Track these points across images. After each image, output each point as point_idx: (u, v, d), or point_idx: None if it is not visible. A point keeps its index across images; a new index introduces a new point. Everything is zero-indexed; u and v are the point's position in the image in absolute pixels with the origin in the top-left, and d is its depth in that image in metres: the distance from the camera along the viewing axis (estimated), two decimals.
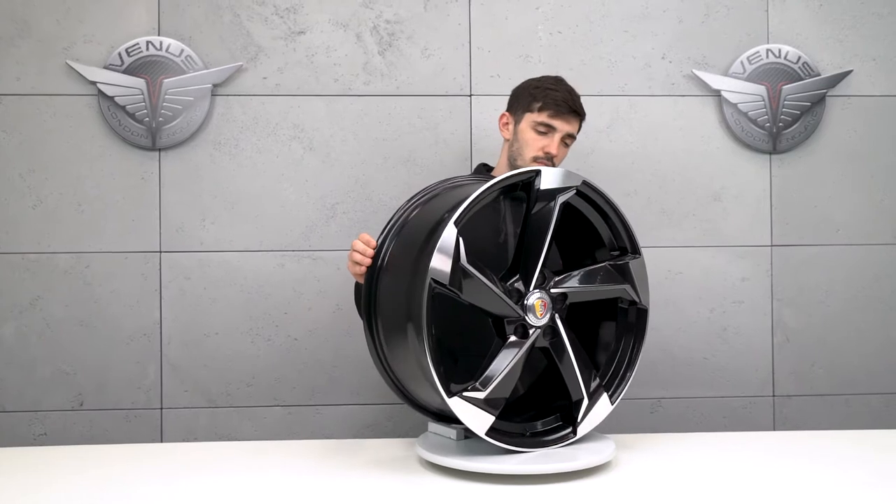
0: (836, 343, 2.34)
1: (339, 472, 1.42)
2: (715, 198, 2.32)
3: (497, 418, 1.43)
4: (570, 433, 1.43)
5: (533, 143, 1.74)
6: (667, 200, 2.31)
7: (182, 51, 2.21)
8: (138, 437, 2.22)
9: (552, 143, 1.73)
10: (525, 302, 1.37)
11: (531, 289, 1.38)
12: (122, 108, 2.19)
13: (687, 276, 2.32)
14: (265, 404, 2.25)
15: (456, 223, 1.31)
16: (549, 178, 1.40)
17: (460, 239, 1.31)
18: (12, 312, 2.20)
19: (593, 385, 1.46)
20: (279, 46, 2.25)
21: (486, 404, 1.33)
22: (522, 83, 1.84)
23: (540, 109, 1.74)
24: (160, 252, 2.23)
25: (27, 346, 2.21)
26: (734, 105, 2.29)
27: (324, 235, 2.26)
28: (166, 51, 2.21)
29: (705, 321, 2.32)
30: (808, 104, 2.30)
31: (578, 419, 1.43)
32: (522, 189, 1.42)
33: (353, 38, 2.27)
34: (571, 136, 1.78)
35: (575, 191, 1.43)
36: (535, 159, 1.74)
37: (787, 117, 2.30)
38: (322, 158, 2.26)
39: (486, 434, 1.34)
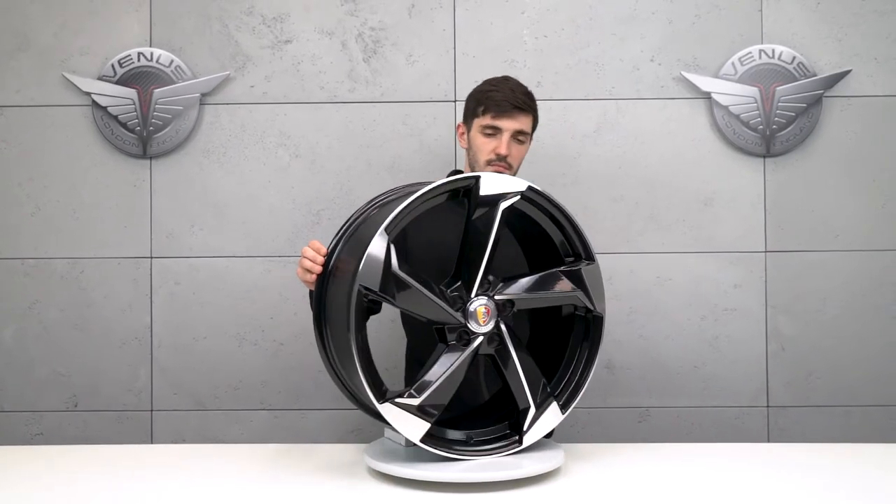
0: (835, 352, 2.26)
1: (278, 476, 1.42)
2: (706, 202, 2.27)
3: (461, 424, 1.43)
4: (515, 442, 1.41)
5: (484, 147, 1.73)
6: (655, 206, 2.27)
7: (172, 61, 2.26)
8: (130, 438, 2.27)
9: (501, 144, 1.71)
10: (467, 308, 1.36)
11: (473, 295, 1.37)
12: (115, 117, 2.26)
13: (676, 282, 2.27)
14: (252, 408, 2.29)
15: (387, 230, 1.31)
16: (491, 185, 1.38)
17: (391, 246, 1.31)
18: (11, 316, 2.28)
19: (542, 393, 1.43)
20: (266, 55, 2.29)
21: (420, 411, 1.33)
22: (471, 91, 1.82)
23: (483, 112, 1.73)
24: (151, 258, 2.28)
25: (25, 349, 2.29)
26: (725, 107, 2.24)
27: (309, 241, 2.27)
28: (157, 61, 2.26)
29: (696, 329, 2.27)
30: (804, 105, 2.23)
31: (524, 428, 1.40)
32: (464, 196, 1.40)
33: (338, 46, 2.29)
34: (523, 133, 1.74)
35: (519, 196, 1.40)
36: (489, 163, 1.72)
37: (782, 119, 2.23)
38: (308, 165, 2.29)
39: (423, 441, 1.34)
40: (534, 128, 1.80)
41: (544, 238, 1.49)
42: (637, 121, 2.27)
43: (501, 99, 1.70)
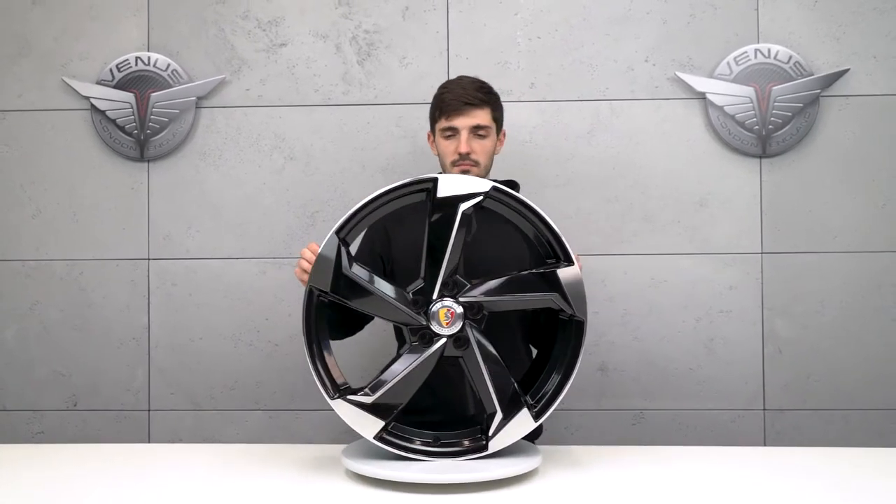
0: (834, 355, 2.23)
1: (242, 475, 1.44)
2: (701, 203, 2.25)
3: (447, 426, 1.43)
4: (481, 447, 1.39)
5: (446, 150, 1.73)
6: (650, 207, 2.25)
7: (168, 65, 2.29)
8: (128, 438, 2.30)
9: (460, 143, 1.70)
10: (429, 310, 1.37)
11: (435, 297, 1.37)
12: (113, 121, 2.29)
13: (671, 284, 2.25)
14: (247, 408, 2.30)
15: (338, 233, 1.37)
16: (449, 186, 1.38)
17: (342, 248, 1.36)
18: (13, 317, 2.33)
19: (512, 399, 1.40)
20: (261, 59, 2.31)
21: (374, 409, 1.35)
22: None
23: (440, 116, 1.73)
24: (149, 259, 2.31)
25: (26, 349, 2.33)
26: (720, 108, 2.22)
27: (304, 243, 2.24)
28: (154, 65, 2.29)
29: (691, 331, 2.25)
30: (801, 105, 2.20)
31: (490, 433, 1.38)
32: (428, 198, 1.41)
33: (332, 49, 2.30)
34: (481, 127, 1.72)
35: (482, 197, 1.38)
36: (454, 164, 1.72)
37: (778, 119, 2.21)
38: (302, 168, 2.30)
39: (379, 439, 1.36)
40: (497, 119, 1.76)
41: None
42: (631, 121, 2.26)
43: (452, 99, 1.71)
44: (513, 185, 1.86)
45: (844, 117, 2.23)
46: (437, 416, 1.53)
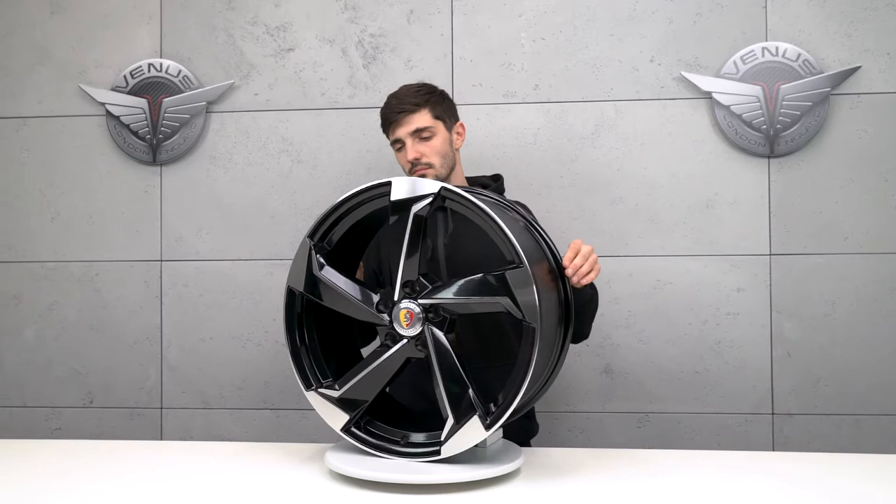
0: (845, 359, 2.18)
1: (216, 472, 1.46)
2: (708, 205, 2.22)
3: (413, 424, 1.44)
4: (435, 451, 1.37)
5: (401, 161, 1.76)
6: (655, 208, 2.23)
7: (180, 71, 2.35)
8: (141, 435, 2.36)
9: (408, 150, 1.72)
10: (393, 311, 1.39)
11: (396, 298, 1.38)
12: (127, 126, 2.36)
13: (677, 286, 2.22)
14: (255, 407, 2.35)
15: (310, 236, 1.43)
16: (400, 189, 1.38)
17: (312, 251, 1.42)
18: (32, 316, 2.41)
19: (464, 406, 1.35)
20: (269, 63, 2.35)
21: (341, 403, 1.40)
22: None
23: (386, 132, 1.78)
24: (161, 261, 2.37)
25: (45, 348, 2.40)
26: (727, 107, 2.19)
27: None
28: (166, 72, 2.35)
29: (697, 333, 2.22)
30: (810, 104, 2.16)
31: (442, 438, 1.36)
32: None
33: (338, 53, 2.33)
34: (423, 129, 1.71)
35: (431, 199, 1.37)
36: (411, 172, 1.73)
37: (786, 118, 2.17)
38: (309, 170, 2.34)
39: (345, 432, 1.41)
40: (440, 117, 1.74)
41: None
42: (636, 122, 2.24)
43: (388, 112, 1.74)
44: (497, 179, 1.86)
45: (856, 116, 2.18)
46: (435, 417, 1.54)
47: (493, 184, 1.87)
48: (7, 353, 2.41)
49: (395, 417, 1.50)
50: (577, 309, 1.59)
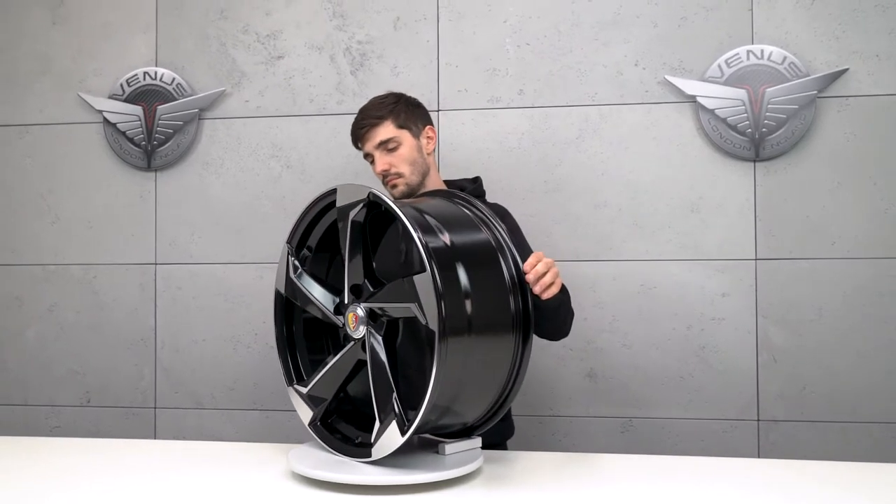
0: (833, 365, 2.16)
1: (176, 472, 1.49)
2: (692, 209, 2.21)
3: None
4: (368, 454, 1.38)
5: (374, 174, 1.81)
6: (639, 212, 2.23)
7: (174, 79, 2.41)
8: (136, 434, 2.42)
9: (377, 163, 1.78)
10: (345, 313, 1.42)
11: (346, 301, 1.42)
12: (123, 133, 2.42)
13: (661, 290, 2.22)
14: (245, 408, 2.39)
15: (288, 241, 1.49)
16: (343, 196, 1.43)
17: (289, 255, 1.47)
18: (33, 317, 2.48)
19: (388, 409, 1.34)
20: (260, 71, 2.40)
21: (309, 400, 1.47)
22: None
23: (356, 148, 1.85)
24: (155, 264, 2.43)
25: (45, 348, 2.48)
26: (711, 111, 2.18)
27: None
28: (160, 80, 2.41)
29: (682, 338, 2.21)
30: (796, 107, 2.14)
31: (372, 439, 1.36)
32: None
33: (327, 60, 2.37)
34: (387, 141, 1.75)
35: (363, 204, 1.38)
36: (383, 183, 1.80)
37: (772, 122, 2.15)
38: (298, 175, 2.38)
39: (311, 426, 1.48)
40: (404, 125, 1.76)
41: None
42: (620, 126, 2.24)
43: (354, 129, 1.81)
44: (476, 182, 1.88)
45: (843, 119, 2.15)
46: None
47: (471, 186, 1.88)
48: (9, 352, 2.49)
49: (365, 419, 1.52)
50: (548, 314, 1.60)
